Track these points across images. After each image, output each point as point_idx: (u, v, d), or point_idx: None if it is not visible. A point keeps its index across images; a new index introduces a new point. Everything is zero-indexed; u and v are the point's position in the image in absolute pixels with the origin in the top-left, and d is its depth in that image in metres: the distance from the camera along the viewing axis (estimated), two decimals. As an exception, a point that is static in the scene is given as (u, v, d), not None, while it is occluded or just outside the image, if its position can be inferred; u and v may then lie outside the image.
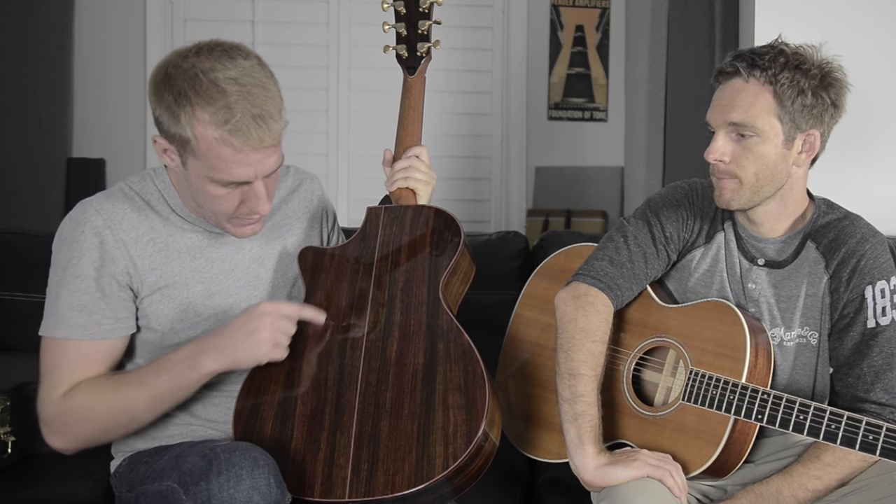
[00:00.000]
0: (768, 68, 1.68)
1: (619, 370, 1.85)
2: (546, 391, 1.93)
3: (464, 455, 1.52)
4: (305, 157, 4.04)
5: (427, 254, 1.76)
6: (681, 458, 1.69)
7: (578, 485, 1.70)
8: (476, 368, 1.60)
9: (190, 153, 1.58)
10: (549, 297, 1.94)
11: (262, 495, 1.44)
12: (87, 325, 1.63)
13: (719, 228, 1.84)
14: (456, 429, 1.55)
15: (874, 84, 2.46)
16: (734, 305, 1.75)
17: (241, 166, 1.57)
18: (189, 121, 1.55)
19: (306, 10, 4.19)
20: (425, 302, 1.70)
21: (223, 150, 1.55)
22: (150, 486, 1.60)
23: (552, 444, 1.89)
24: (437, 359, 1.63)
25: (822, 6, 2.53)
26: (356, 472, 1.54)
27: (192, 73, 1.55)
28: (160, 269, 1.67)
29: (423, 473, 1.52)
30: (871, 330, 1.71)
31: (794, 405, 1.61)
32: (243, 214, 1.65)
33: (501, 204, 4.32)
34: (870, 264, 1.72)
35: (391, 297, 1.72)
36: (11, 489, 1.93)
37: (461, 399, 1.58)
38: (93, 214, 1.65)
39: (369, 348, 1.66)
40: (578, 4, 4.29)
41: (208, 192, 1.61)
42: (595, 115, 4.33)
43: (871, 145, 2.54)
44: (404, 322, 1.68)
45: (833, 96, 1.71)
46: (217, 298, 1.72)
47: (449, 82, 4.19)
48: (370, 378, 1.62)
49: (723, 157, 1.72)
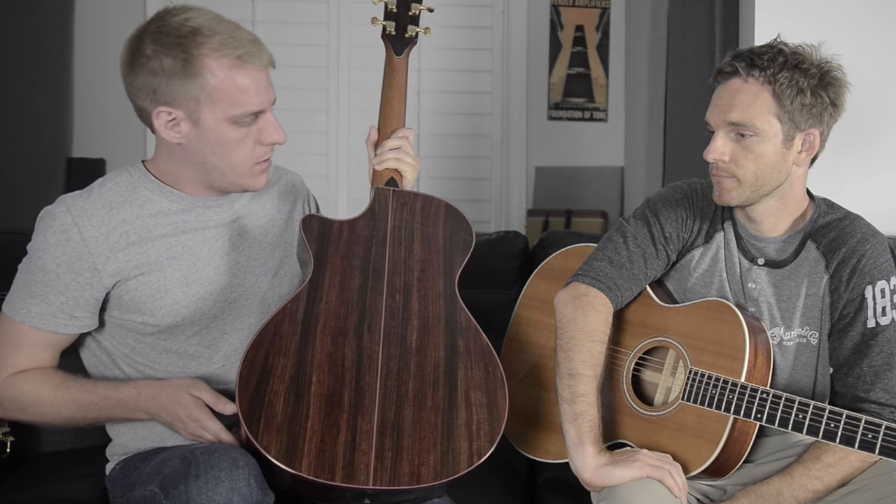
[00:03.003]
0: (767, 68, 1.68)
1: (618, 370, 1.85)
2: (547, 392, 1.93)
3: (488, 453, 1.53)
4: (305, 157, 4.04)
5: (441, 247, 1.76)
6: (680, 457, 1.69)
7: (578, 485, 1.70)
8: (496, 370, 1.63)
9: (204, 102, 1.60)
10: (549, 298, 1.94)
11: (241, 496, 1.43)
12: (43, 315, 1.67)
13: (719, 228, 1.84)
14: (479, 427, 1.56)
15: (874, 83, 2.46)
16: (733, 305, 1.75)
17: (255, 94, 1.62)
18: (198, 62, 1.58)
19: (306, 10, 4.19)
20: (442, 295, 1.70)
21: (239, 76, 1.59)
22: (136, 492, 1.61)
23: (553, 444, 1.89)
24: (458, 355, 1.63)
25: (821, 6, 2.53)
26: (380, 460, 1.50)
27: (176, 28, 1.59)
28: (135, 260, 1.68)
29: (449, 467, 1.51)
30: (871, 330, 1.71)
31: (793, 404, 1.61)
32: (261, 156, 1.68)
33: (501, 204, 4.32)
34: (870, 264, 1.72)
35: (407, 284, 1.70)
36: (10, 489, 1.93)
37: (483, 398, 1.59)
38: (63, 211, 1.66)
39: (388, 333, 1.64)
40: (578, 4, 4.29)
41: (227, 141, 1.63)
42: (595, 115, 4.33)
43: (870, 145, 2.53)
44: (423, 312, 1.67)
45: (832, 95, 1.71)
46: (196, 286, 1.71)
47: (449, 82, 4.18)
48: (391, 364, 1.60)
49: (722, 157, 1.72)
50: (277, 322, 1.61)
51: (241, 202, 1.78)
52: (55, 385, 1.68)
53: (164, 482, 1.51)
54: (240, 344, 1.74)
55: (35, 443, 2.14)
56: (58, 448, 2.16)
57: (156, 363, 1.73)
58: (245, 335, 1.74)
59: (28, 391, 1.68)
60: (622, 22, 4.29)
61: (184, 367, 1.73)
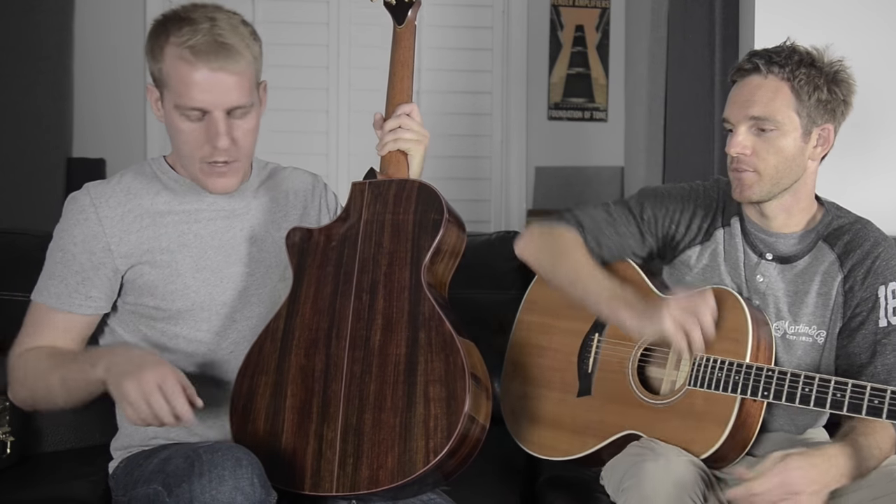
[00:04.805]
0: (785, 65, 1.74)
1: (623, 362, 1.86)
2: (549, 390, 1.95)
3: (444, 450, 1.51)
4: (305, 156, 4.03)
5: (410, 234, 1.70)
6: (689, 442, 1.72)
7: (579, 484, 1.71)
8: (456, 359, 1.57)
9: (163, 85, 1.68)
10: (551, 302, 1.97)
11: (245, 495, 1.44)
12: (60, 295, 1.71)
13: (719, 226, 1.88)
14: (437, 423, 1.53)
15: (874, 83, 2.45)
16: (735, 292, 1.78)
17: (199, 90, 1.64)
18: (164, 48, 1.66)
19: (306, 10, 4.19)
20: (408, 287, 1.66)
21: (181, 67, 1.64)
22: (139, 490, 1.61)
23: (561, 442, 1.90)
24: (419, 348, 1.60)
25: (822, 6, 2.53)
26: (342, 466, 1.54)
27: (175, 12, 1.69)
28: (147, 244, 1.73)
29: (406, 469, 1.52)
30: (884, 329, 1.76)
31: (798, 378, 1.66)
32: (208, 156, 1.69)
33: (501, 204, 4.32)
34: (883, 265, 1.78)
35: (374, 282, 1.67)
36: (10, 489, 1.93)
37: (442, 391, 1.56)
38: (83, 194, 1.74)
39: (354, 337, 1.64)
40: (578, 4, 4.29)
41: (177, 128, 1.69)
42: (595, 115, 4.33)
43: (873, 146, 2.54)
44: (387, 309, 1.65)
45: (844, 92, 1.78)
46: (206, 273, 1.75)
47: (449, 82, 4.18)
48: (355, 369, 1.61)
49: (744, 150, 1.77)
50: (261, 342, 1.69)
51: (257, 193, 1.84)
52: (48, 357, 1.69)
53: (168, 480, 1.51)
54: (248, 332, 1.76)
55: (35, 443, 2.14)
56: (58, 448, 2.16)
57: (164, 350, 1.73)
58: (254, 324, 1.77)
59: (28, 365, 1.69)
60: (622, 22, 4.29)
61: (194, 352, 1.75)
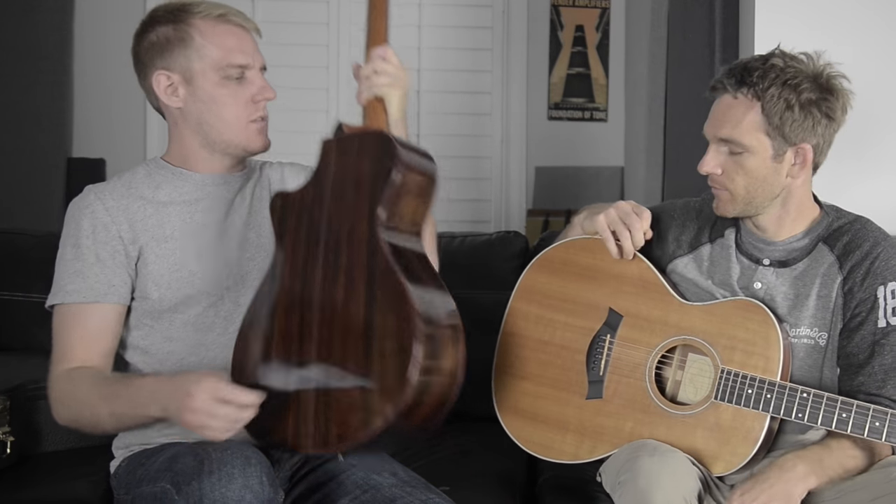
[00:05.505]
0: (756, 84, 1.71)
1: (638, 367, 1.84)
2: (554, 389, 1.92)
3: (401, 406, 1.51)
4: (305, 156, 4.02)
5: (367, 187, 1.67)
6: (716, 455, 1.73)
7: (578, 486, 1.70)
8: (405, 309, 1.54)
9: (194, 60, 1.74)
10: (549, 291, 1.94)
11: (254, 494, 1.45)
12: (81, 289, 1.71)
13: (705, 241, 1.89)
14: (393, 379, 1.53)
15: (874, 83, 2.45)
16: (764, 305, 1.77)
17: (238, 49, 1.77)
18: (188, 27, 1.74)
19: (306, 10, 4.19)
20: (365, 241, 1.63)
21: (221, 30, 1.76)
22: (144, 489, 1.61)
23: (566, 444, 1.88)
24: (376, 304, 1.59)
25: (822, 7, 2.52)
26: (316, 426, 1.58)
27: (171, 4, 1.77)
28: (153, 231, 1.76)
29: (368, 426, 1.53)
30: (882, 329, 1.75)
31: (835, 403, 1.66)
32: (253, 114, 1.78)
33: (501, 204, 4.32)
34: (882, 266, 1.76)
35: (338, 240, 1.66)
36: (10, 489, 1.93)
37: (395, 345, 1.54)
38: (86, 193, 1.78)
39: (322, 299, 1.64)
40: (578, 4, 4.29)
41: (218, 97, 1.75)
42: (595, 115, 4.33)
43: (872, 147, 2.53)
44: (348, 265, 1.63)
45: (826, 109, 1.73)
46: (208, 257, 1.78)
47: (449, 82, 4.18)
48: (323, 332, 1.62)
49: (714, 170, 1.78)
50: (253, 308, 1.71)
51: (251, 183, 1.88)
52: (95, 383, 1.67)
53: (176, 479, 1.52)
54: None
55: (35, 443, 2.14)
56: (58, 448, 2.16)
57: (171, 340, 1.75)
58: None
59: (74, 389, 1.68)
60: (622, 22, 4.29)
61: (202, 338, 1.76)
